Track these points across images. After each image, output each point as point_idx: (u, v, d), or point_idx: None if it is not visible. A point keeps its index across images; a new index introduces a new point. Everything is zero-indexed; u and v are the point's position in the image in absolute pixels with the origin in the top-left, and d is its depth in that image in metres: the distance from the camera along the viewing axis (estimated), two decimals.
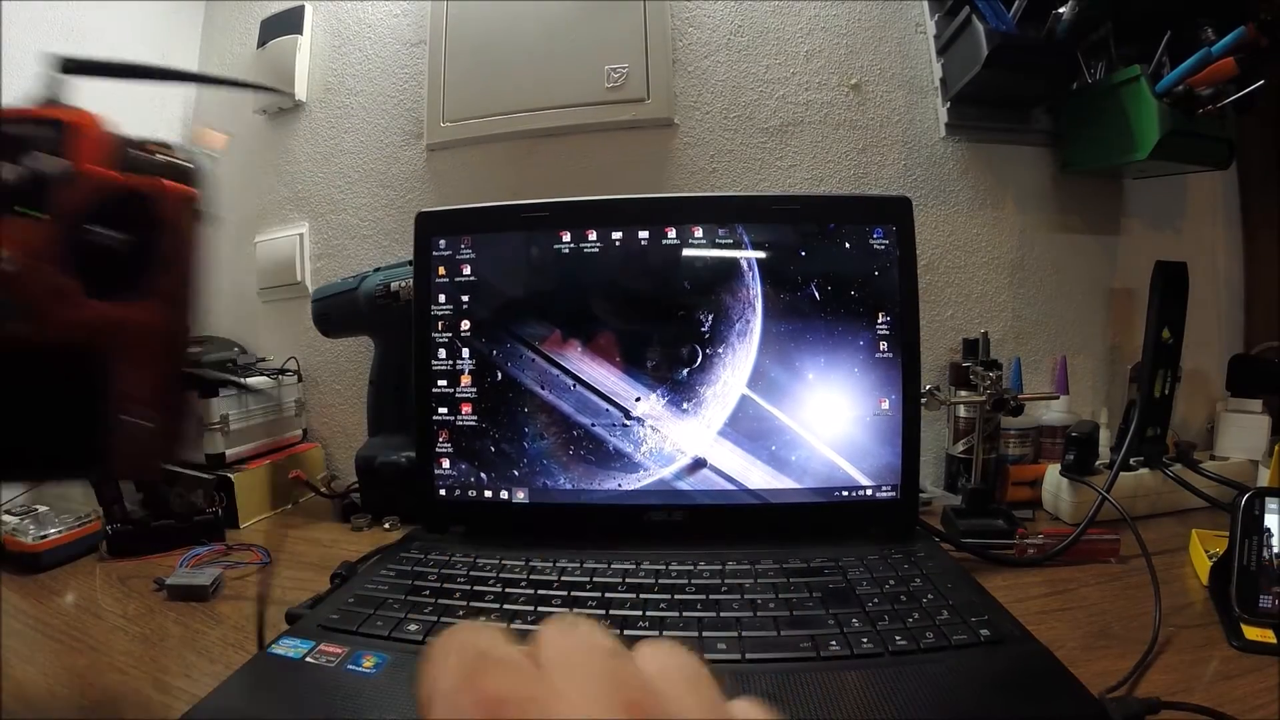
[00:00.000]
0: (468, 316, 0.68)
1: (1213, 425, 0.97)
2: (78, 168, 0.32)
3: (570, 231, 0.68)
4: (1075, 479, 0.76)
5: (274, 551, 0.72)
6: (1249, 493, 0.53)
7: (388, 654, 0.42)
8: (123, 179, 0.33)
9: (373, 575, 0.56)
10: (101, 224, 0.32)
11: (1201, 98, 0.83)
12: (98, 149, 0.33)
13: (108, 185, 0.32)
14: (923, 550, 0.59)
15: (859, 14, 1.00)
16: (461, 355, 0.68)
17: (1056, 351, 1.00)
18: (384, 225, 1.09)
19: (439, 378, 0.68)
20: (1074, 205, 1.02)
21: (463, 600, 0.51)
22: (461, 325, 0.68)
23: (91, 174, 0.32)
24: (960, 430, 0.87)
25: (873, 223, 0.66)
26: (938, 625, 0.45)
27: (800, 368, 0.65)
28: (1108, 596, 0.57)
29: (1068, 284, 1.02)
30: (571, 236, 0.68)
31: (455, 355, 0.68)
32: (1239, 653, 0.47)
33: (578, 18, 1.01)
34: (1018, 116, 1.00)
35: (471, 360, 0.68)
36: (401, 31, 1.09)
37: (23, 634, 0.53)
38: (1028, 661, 0.41)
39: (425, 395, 0.69)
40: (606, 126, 1.01)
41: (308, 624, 0.47)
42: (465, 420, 0.68)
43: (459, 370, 0.68)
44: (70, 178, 0.32)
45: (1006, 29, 0.86)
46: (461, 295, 0.68)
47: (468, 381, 0.68)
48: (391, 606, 0.50)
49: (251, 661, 0.43)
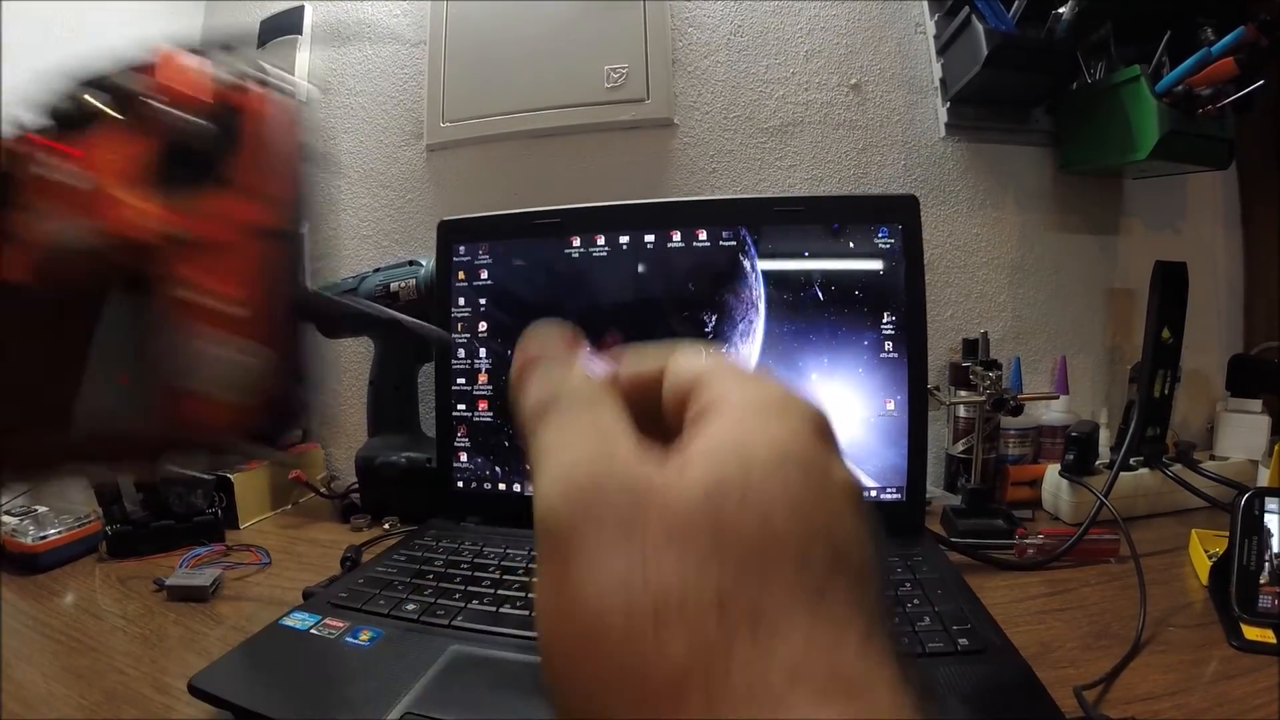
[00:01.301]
0: (485, 318, 0.72)
1: (1213, 425, 0.96)
2: (160, 81, 0.27)
3: (580, 237, 0.70)
4: (1075, 479, 0.76)
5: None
6: (1249, 493, 0.53)
7: (383, 629, 0.47)
8: (212, 90, 0.28)
9: (385, 560, 0.60)
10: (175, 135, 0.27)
11: (1201, 98, 0.83)
12: (182, 71, 0.28)
13: (192, 96, 0.28)
14: (921, 554, 0.59)
15: (859, 14, 1.00)
16: (479, 355, 0.72)
17: (1056, 351, 1.00)
18: (383, 226, 1.09)
19: (458, 376, 0.73)
20: (1074, 205, 1.02)
21: (461, 584, 0.54)
22: (479, 326, 0.72)
23: (174, 86, 0.28)
24: (960, 430, 0.87)
25: (879, 222, 0.66)
26: (915, 632, 0.45)
27: (804, 368, 0.65)
28: (1107, 596, 0.57)
29: (1068, 284, 1.02)
30: (581, 241, 0.70)
31: (473, 355, 0.73)
32: (1238, 653, 0.47)
33: (577, 18, 1.01)
34: (1018, 116, 1.00)
35: (488, 359, 0.72)
36: (401, 31, 1.09)
37: (22, 634, 0.53)
38: (1001, 674, 0.41)
39: (445, 393, 0.73)
40: (606, 126, 1.01)
41: (319, 601, 0.52)
42: (481, 416, 0.72)
43: (476, 369, 0.72)
44: (151, 88, 0.27)
45: (1006, 29, 0.86)
46: (479, 298, 0.72)
47: (484, 380, 0.72)
48: (395, 588, 0.53)
49: (263, 631, 0.47)
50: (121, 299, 0.26)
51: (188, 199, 0.26)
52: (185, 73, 0.28)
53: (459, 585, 0.54)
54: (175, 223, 0.26)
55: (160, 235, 0.26)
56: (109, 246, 0.25)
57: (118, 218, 0.26)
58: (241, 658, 0.44)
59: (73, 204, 0.26)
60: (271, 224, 0.27)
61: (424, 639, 0.46)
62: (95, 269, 0.25)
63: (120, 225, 0.26)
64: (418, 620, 0.48)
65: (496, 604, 0.50)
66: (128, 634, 0.53)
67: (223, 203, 0.26)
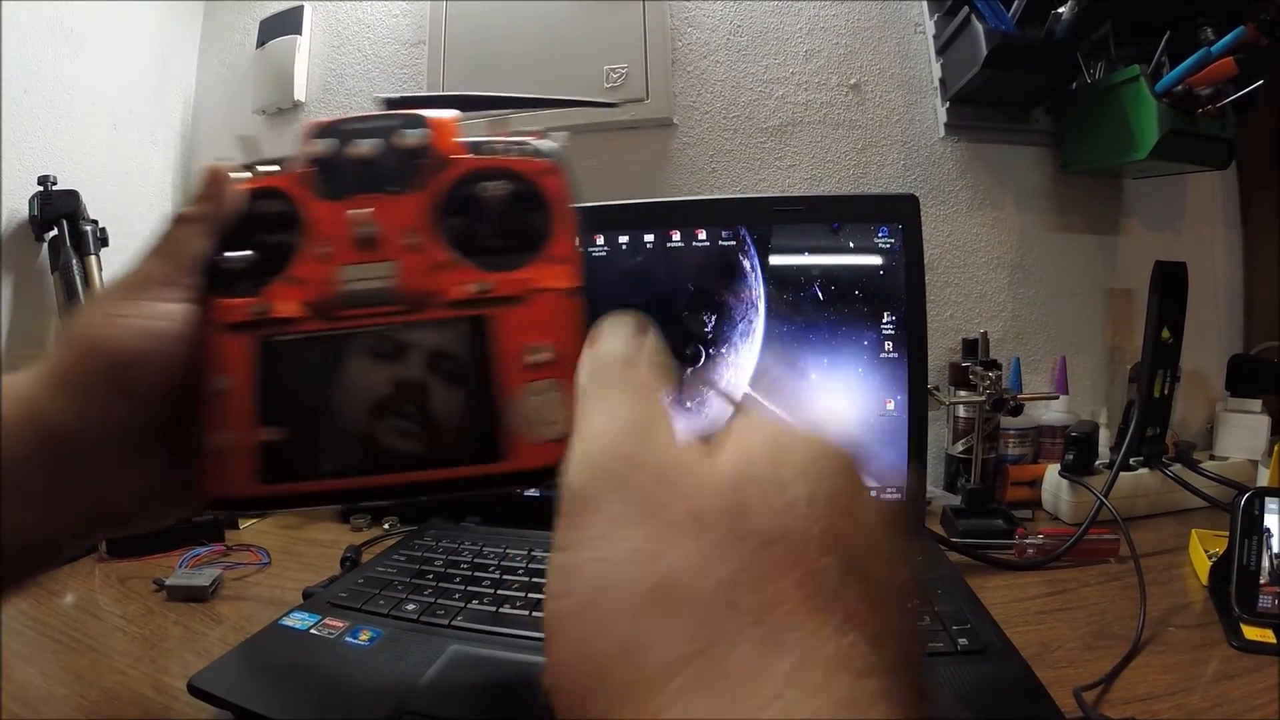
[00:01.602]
0: None
1: (1212, 425, 0.96)
2: (440, 146, 0.29)
3: (579, 236, 0.68)
4: (1075, 479, 0.76)
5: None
6: (1248, 493, 0.53)
7: (383, 629, 0.47)
8: (488, 158, 0.30)
9: (385, 559, 0.60)
10: (469, 200, 0.29)
11: (1201, 98, 0.83)
12: (455, 136, 0.30)
13: (474, 161, 0.29)
14: (921, 554, 0.59)
15: (859, 14, 1.00)
16: None
17: (1056, 351, 1.00)
18: None
19: None
20: (1074, 205, 1.02)
21: (461, 584, 0.54)
22: None
23: (456, 151, 0.29)
24: (960, 430, 0.87)
25: (879, 221, 0.66)
26: None
27: (804, 367, 0.65)
28: (1107, 596, 0.57)
29: (1067, 284, 1.02)
30: (580, 241, 0.68)
31: None
32: (1238, 653, 0.47)
33: (577, 18, 1.01)
34: (1017, 116, 1.00)
35: None
36: (401, 31, 1.09)
37: (22, 634, 0.53)
38: (1002, 675, 0.41)
39: None
40: (605, 126, 1.01)
41: (319, 601, 0.52)
42: None
43: None
44: (435, 155, 0.29)
45: (1006, 29, 0.86)
46: None
47: None
48: (395, 588, 0.53)
49: (263, 631, 0.47)
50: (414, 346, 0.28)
51: (499, 260, 0.29)
52: (454, 132, 0.30)
53: (459, 585, 0.54)
54: (495, 283, 0.28)
55: (477, 294, 0.28)
56: (406, 296, 0.27)
57: (427, 274, 0.27)
58: (241, 658, 0.44)
59: (375, 254, 0.27)
60: (574, 284, 0.29)
61: (424, 639, 0.46)
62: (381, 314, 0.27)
63: (424, 280, 0.27)
64: (417, 620, 0.48)
65: (496, 604, 0.50)
66: (127, 634, 0.53)
67: (537, 269, 0.29)
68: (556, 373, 0.27)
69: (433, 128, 0.29)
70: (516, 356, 0.27)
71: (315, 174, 0.28)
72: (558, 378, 0.27)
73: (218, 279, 0.27)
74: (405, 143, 0.28)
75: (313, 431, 0.27)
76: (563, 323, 0.28)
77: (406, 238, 0.28)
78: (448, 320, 0.28)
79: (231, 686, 0.40)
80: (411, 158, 0.29)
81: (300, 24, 1.11)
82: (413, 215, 0.28)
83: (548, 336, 0.28)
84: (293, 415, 0.27)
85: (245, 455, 0.26)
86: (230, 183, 0.28)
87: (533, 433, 0.27)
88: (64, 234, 0.91)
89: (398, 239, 0.28)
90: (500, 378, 0.27)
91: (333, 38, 1.12)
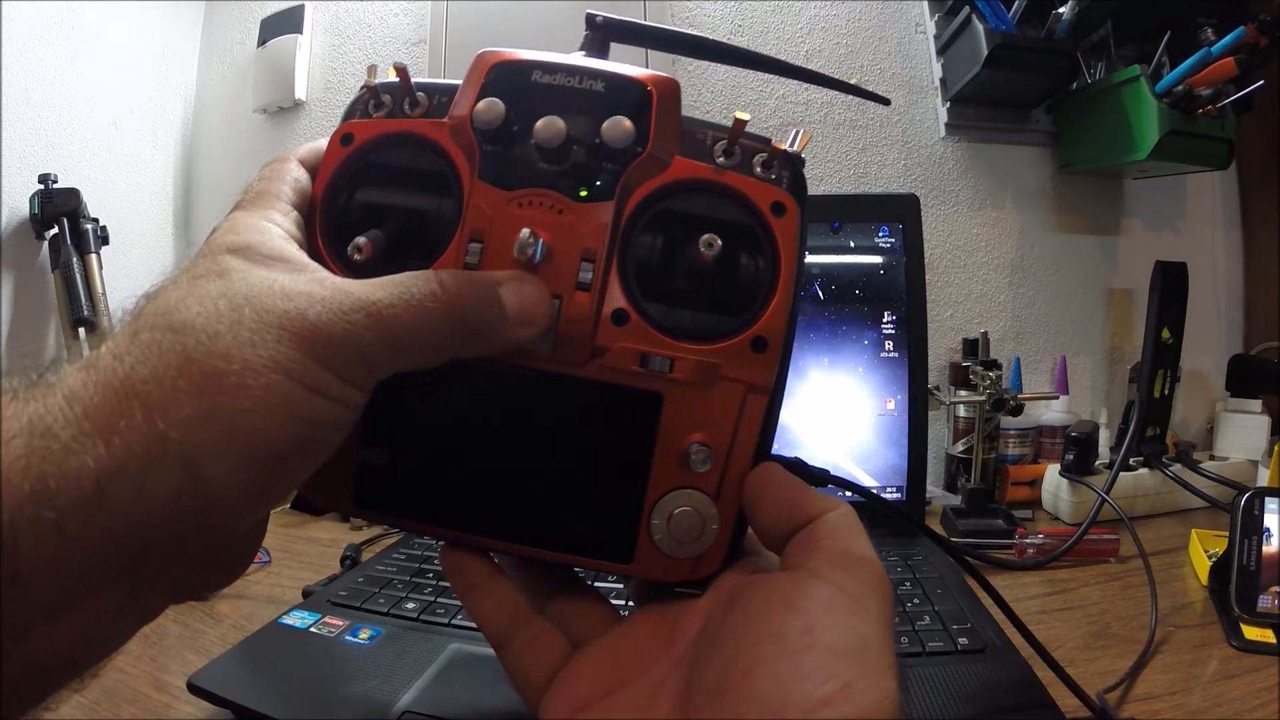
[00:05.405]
0: None
1: (1212, 425, 0.96)
2: (658, 142, 0.22)
3: None
4: (1075, 479, 0.76)
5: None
6: (1248, 493, 0.53)
7: (383, 628, 0.46)
8: (709, 172, 0.22)
9: (385, 558, 0.59)
10: (680, 226, 0.22)
11: (1201, 98, 0.83)
12: (678, 124, 0.23)
13: (692, 170, 0.22)
14: (921, 554, 0.59)
15: (859, 14, 1.00)
16: None
17: (1056, 351, 1.00)
18: None
19: None
20: (1074, 205, 1.02)
21: None
22: None
23: (673, 148, 0.22)
24: (960, 430, 0.87)
25: (879, 221, 0.66)
26: (916, 631, 0.45)
27: (804, 366, 0.65)
28: (1107, 596, 0.57)
29: (1067, 284, 1.02)
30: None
31: None
32: (1238, 653, 0.47)
33: (577, 18, 1.00)
34: (1018, 116, 1.00)
35: None
36: (402, 30, 1.09)
37: None
38: (1002, 673, 0.41)
39: None
40: None
41: (319, 599, 0.52)
42: None
43: None
44: (648, 158, 0.22)
45: (1006, 29, 0.86)
46: None
47: None
48: (395, 587, 0.53)
49: (263, 629, 0.47)
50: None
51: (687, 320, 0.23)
52: (677, 118, 0.23)
53: None
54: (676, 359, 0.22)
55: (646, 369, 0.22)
56: (562, 341, 0.22)
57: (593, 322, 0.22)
58: (241, 656, 0.44)
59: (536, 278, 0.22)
60: (768, 381, 0.23)
61: (424, 637, 0.45)
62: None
63: (588, 329, 0.22)
64: (417, 619, 0.48)
65: None
66: None
67: (733, 349, 0.23)
68: (709, 483, 0.23)
69: (656, 112, 0.22)
70: (678, 454, 0.22)
71: (479, 144, 0.22)
72: (709, 492, 0.23)
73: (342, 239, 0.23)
74: (616, 139, 0.22)
75: (417, 465, 0.24)
76: (738, 426, 0.23)
77: (579, 268, 0.22)
78: (610, 387, 0.22)
79: (231, 685, 0.40)
80: (616, 158, 0.22)
81: (301, 23, 1.11)
82: (594, 234, 0.22)
83: (717, 437, 0.22)
84: (399, 444, 0.23)
85: (343, 472, 0.23)
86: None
87: (669, 544, 0.23)
88: (64, 232, 0.91)
89: (568, 265, 0.22)
90: (654, 475, 0.23)
91: (333, 37, 1.12)
